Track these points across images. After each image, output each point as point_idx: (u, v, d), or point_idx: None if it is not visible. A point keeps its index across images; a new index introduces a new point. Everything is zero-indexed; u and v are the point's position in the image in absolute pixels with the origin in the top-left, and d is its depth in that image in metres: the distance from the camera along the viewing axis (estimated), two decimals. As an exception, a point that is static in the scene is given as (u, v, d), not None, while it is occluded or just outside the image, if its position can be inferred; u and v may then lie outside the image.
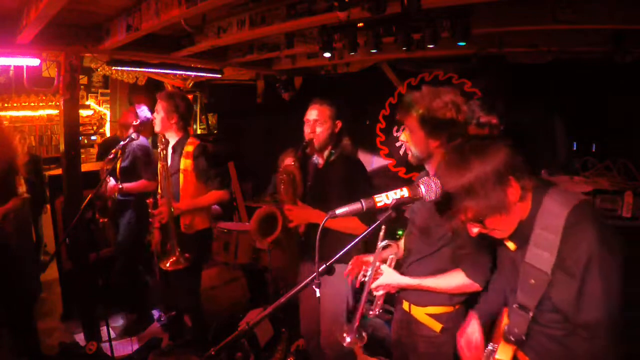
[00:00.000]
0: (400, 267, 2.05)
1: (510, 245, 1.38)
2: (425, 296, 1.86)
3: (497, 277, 1.67)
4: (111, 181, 3.39)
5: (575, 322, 1.22)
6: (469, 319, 1.64)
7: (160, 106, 2.95)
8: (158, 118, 2.94)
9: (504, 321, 1.48)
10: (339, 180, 2.35)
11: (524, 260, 1.28)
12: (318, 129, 2.41)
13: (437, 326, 1.85)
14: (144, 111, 3.86)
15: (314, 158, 2.57)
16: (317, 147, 2.45)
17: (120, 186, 3.43)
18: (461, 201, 1.23)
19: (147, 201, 2.90)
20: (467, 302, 1.84)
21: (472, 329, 1.59)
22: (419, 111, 1.72)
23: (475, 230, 1.31)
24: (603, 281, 1.16)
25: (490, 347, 1.50)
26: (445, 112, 1.69)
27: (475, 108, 2.36)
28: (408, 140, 1.81)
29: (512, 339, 1.35)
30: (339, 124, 2.48)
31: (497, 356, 1.42)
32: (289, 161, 2.45)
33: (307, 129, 2.46)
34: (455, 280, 1.72)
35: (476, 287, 1.71)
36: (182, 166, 2.92)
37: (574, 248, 1.18)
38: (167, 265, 2.75)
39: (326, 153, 2.50)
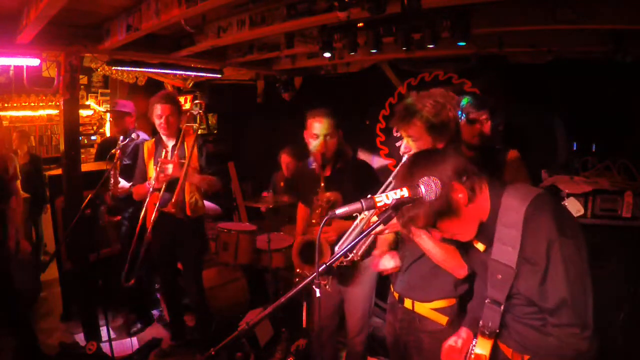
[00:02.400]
0: (396, 274, 2.07)
1: (480, 246, 1.45)
2: (431, 292, 1.89)
3: (476, 284, 1.72)
4: (121, 182, 3.39)
5: (543, 308, 1.28)
6: (459, 330, 1.65)
7: (167, 109, 3.01)
8: (173, 120, 3.02)
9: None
10: (351, 187, 2.35)
11: (490, 257, 1.35)
12: (329, 143, 2.41)
13: (443, 320, 1.88)
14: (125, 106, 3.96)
15: (322, 167, 2.54)
16: (329, 159, 2.46)
17: (130, 189, 3.44)
18: (409, 211, 1.30)
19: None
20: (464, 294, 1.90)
21: (459, 336, 1.62)
22: (424, 118, 1.73)
23: (437, 236, 1.40)
24: (564, 264, 1.22)
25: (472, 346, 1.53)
26: (447, 112, 1.74)
27: (464, 104, 2.38)
28: (412, 149, 1.80)
29: (487, 332, 1.42)
30: (341, 132, 2.51)
31: (476, 350, 1.45)
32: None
33: (315, 142, 2.42)
34: (447, 255, 1.73)
35: (463, 269, 1.73)
36: (186, 154, 3.04)
37: (534, 238, 1.26)
38: (172, 202, 2.86)
39: (332, 162, 2.51)
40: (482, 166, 1.44)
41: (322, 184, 2.36)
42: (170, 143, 3.14)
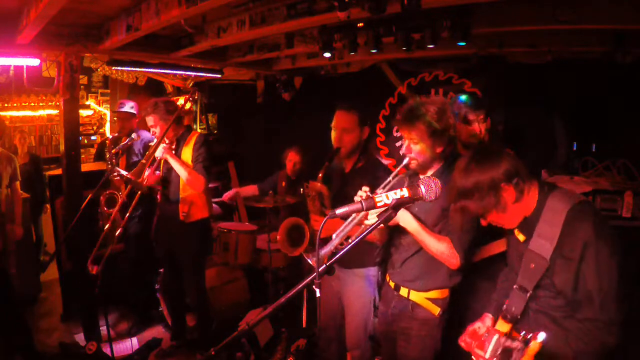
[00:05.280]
0: (392, 266, 2.12)
1: (520, 237, 1.57)
2: (427, 282, 1.97)
3: (503, 275, 1.80)
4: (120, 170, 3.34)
5: (572, 300, 1.40)
6: (483, 316, 1.72)
7: (153, 119, 2.99)
8: (160, 130, 3.00)
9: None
10: (367, 186, 2.34)
11: (527, 248, 1.48)
12: (345, 138, 2.37)
13: (435, 310, 1.98)
14: (133, 108, 3.96)
15: (343, 163, 2.52)
16: (344, 155, 2.41)
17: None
18: (460, 201, 1.49)
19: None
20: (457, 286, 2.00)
21: (483, 322, 1.68)
22: (427, 122, 1.83)
23: (484, 222, 1.56)
24: (596, 264, 1.34)
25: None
26: (447, 119, 1.86)
27: (461, 104, 2.39)
28: (412, 151, 1.90)
29: (509, 316, 1.54)
30: (367, 130, 2.44)
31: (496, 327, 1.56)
32: (316, 180, 2.39)
33: (334, 136, 2.40)
34: (442, 246, 1.83)
35: (455, 259, 1.82)
36: (183, 156, 3.03)
37: (572, 237, 1.38)
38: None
39: (354, 159, 2.45)
40: None
41: (320, 175, 2.34)
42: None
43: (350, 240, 1.80)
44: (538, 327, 1.47)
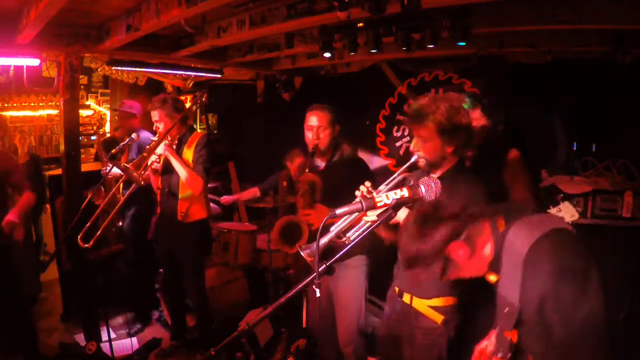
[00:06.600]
0: (397, 269, 2.11)
1: (492, 277, 1.47)
2: (429, 289, 1.92)
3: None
4: (114, 169, 3.17)
5: (545, 343, 1.31)
6: (490, 333, 1.65)
7: (158, 114, 2.98)
8: (164, 127, 3.00)
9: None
10: (343, 181, 2.37)
11: (498, 292, 1.41)
12: (321, 135, 2.51)
13: (438, 318, 1.91)
14: (132, 108, 3.94)
15: (316, 161, 2.63)
16: (321, 152, 2.55)
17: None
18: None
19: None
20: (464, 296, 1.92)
21: (489, 340, 1.61)
22: (436, 120, 1.75)
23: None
24: (558, 315, 1.25)
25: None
26: (460, 118, 1.76)
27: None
28: (420, 149, 1.83)
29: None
30: (337, 127, 2.59)
31: None
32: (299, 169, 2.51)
33: (309, 135, 2.53)
34: None
35: None
36: (184, 157, 3.02)
37: (530, 286, 1.29)
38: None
39: (328, 155, 2.59)
40: (482, 166, 1.44)
41: (307, 170, 2.47)
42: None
43: (349, 237, 1.78)
44: (529, 344, 1.40)
